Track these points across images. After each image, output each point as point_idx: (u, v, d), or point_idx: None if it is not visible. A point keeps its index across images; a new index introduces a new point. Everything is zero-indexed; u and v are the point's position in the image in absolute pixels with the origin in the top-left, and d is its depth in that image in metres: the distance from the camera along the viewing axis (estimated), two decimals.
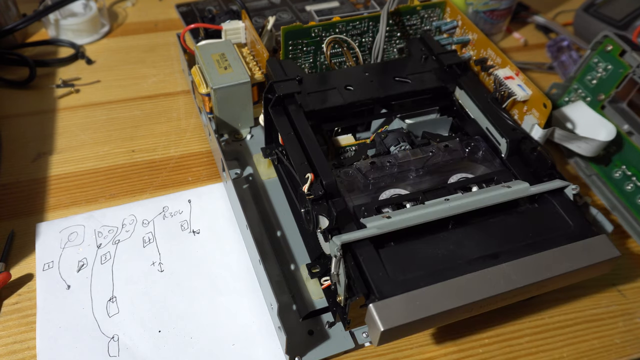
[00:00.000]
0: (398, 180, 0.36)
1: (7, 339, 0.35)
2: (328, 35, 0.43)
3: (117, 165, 0.46)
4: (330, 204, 0.31)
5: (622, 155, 0.43)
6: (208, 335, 0.35)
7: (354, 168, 0.36)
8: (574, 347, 0.36)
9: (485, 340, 0.36)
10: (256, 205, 0.42)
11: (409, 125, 0.41)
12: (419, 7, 0.46)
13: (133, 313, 0.36)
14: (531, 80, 0.39)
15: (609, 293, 0.39)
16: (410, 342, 0.35)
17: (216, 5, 0.56)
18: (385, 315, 0.27)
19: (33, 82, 0.54)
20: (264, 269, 0.33)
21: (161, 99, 0.53)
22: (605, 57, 0.44)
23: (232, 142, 0.47)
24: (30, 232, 0.40)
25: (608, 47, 0.44)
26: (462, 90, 0.41)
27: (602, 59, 0.44)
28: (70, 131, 0.49)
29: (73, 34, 0.59)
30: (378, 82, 0.40)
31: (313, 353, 0.34)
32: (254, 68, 0.45)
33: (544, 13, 0.68)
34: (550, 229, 0.32)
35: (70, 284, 0.37)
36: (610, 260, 0.31)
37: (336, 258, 0.29)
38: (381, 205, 0.33)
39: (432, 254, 0.30)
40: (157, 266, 0.39)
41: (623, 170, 0.43)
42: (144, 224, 0.41)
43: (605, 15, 0.60)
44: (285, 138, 0.36)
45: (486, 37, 0.43)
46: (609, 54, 0.44)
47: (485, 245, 0.31)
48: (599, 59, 0.45)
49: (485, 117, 0.39)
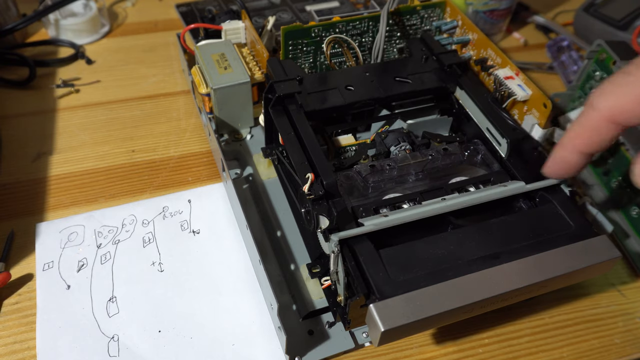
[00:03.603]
0: (398, 183, 0.36)
1: (7, 339, 0.35)
2: (328, 35, 0.43)
3: (117, 165, 0.46)
4: (331, 203, 0.32)
5: (615, 163, 0.43)
6: (208, 335, 0.35)
7: (354, 171, 0.36)
8: (574, 347, 0.36)
9: (485, 340, 0.36)
10: (256, 205, 0.42)
11: (409, 125, 0.41)
12: (419, 7, 0.46)
13: (133, 313, 0.36)
14: (531, 80, 0.39)
15: (609, 293, 0.39)
16: (410, 342, 0.36)
17: (216, 5, 0.56)
18: (385, 315, 0.27)
19: (33, 82, 0.54)
20: (264, 269, 0.33)
21: (161, 99, 0.53)
22: (601, 66, 0.44)
23: (232, 142, 0.47)
24: (30, 232, 0.40)
25: (602, 56, 0.44)
26: (462, 90, 0.41)
27: (599, 67, 0.44)
28: (70, 131, 0.49)
29: (73, 34, 0.59)
30: (378, 82, 0.40)
31: (313, 353, 0.34)
32: (254, 68, 0.45)
33: (544, 13, 0.68)
34: (551, 229, 0.32)
35: (70, 284, 0.37)
36: (611, 260, 0.31)
37: (334, 254, 0.29)
38: (379, 206, 0.33)
39: (433, 254, 0.30)
40: (157, 266, 0.39)
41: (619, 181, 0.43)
42: (144, 224, 0.41)
43: (605, 15, 0.59)
44: (285, 138, 0.36)
45: (486, 37, 0.43)
46: (604, 62, 0.44)
47: (486, 246, 0.31)
48: (595, 68, 0.45)
49: (486, 117, 0.39)
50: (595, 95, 0.25)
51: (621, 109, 0.24)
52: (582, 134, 0.26)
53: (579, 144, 0.26)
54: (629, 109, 0.23)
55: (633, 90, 0.23)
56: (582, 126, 0.26)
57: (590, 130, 0.25)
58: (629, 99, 0.23)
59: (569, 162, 0.27)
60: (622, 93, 0.24)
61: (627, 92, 0.23)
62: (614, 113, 0.24)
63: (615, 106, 0.24)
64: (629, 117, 0.24)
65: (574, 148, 0.26)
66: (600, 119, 0.24)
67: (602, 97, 0.24)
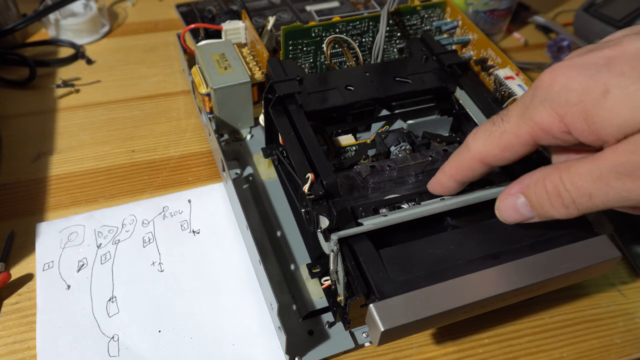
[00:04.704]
0: (398, 184, 0.36)
1: (7, 339, 0.35)
2: (328, 35, 0.43)
3: (117, 165, 0.46)
4: (331, 203, 0.32)
5: None
6: (208, 335, 0.35)
7: (354, 171, 0.36)
8: (574, 347, 0.36)
9: (485, 340, 0.36)
10: (256, 205, 0.42)
11: (410, 125, 0.41)
12: (419, 7, 0.46)
13: (133, 313, 0.36)
14: (531, 80, 0.39)
15: (609, 293, 0.39)
16: (410, 342, 0.36)
17: (216, 5, 0.56)
18: (385, 315, 0.27)
19: (33, 82, 0.54)
20: (264, 269, 0.33)
21: (161, 99, 0.53)
22: None
23: (232, 142, 0.47)
24: (30, 232, 0.40)
25: None
26: (462, 90, 0.41)
27: None
28: (70, 131, 0.49)
29: (73, 34, 0.59)
30: (379, 82, 0.40)
31: (313, 353, 0.34)
32: (254, 68, 0.45)
33: (544, 13, 0.68)
34: (551, 229, 0.31)
35: (70, 284, 0.37)
36: (611, 260, 0.31)
37: (334, 253, 0.29)
38: (379, 206, 0.33)
39: (433, 254, 0.30)
40: (157, 266, 0.39)
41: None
42: (144, 224, 0.41)
43: (606, 15, 0.59)
44: (285, 138, 0.36)
45: (486, 37, 0.43)
46: None
47: (486, 246, 0.31)
48: None
49: (486, 117, 0.39)
50: (470, 138, 0.28)
51: (487, 154, 0.27)
52: (457, 168, 0.30)
53: (454, 174, 0.30)
54: (494, 154, 0.27)
55: (495, 138, 0.27)
56: (458, 161, 0.29)
57: (463, 165, 0.29)
58: (491, 145, 0.27)
59: (446, 186, 0.31)
60: (488, 140, 0.27)
61: (491, 140, 0.27)
62: (483, 156, 0.28)
63: (484, 150, 0.27)
64: (495, 160, 0.27)
65: (451, 177, 0.30)
66: (472, 158, 0.28)
67: (474, 141, 0.28)
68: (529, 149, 0.26)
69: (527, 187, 0.27)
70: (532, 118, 0.25)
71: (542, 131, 0.25)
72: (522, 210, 0.28)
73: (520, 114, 0.26)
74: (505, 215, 0.29)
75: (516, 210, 0.28)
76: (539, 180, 0.26)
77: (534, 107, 0.25)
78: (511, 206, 0.28)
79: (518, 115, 0.26)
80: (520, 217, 0.28)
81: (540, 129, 0.25)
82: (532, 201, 0.27)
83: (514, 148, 0.26)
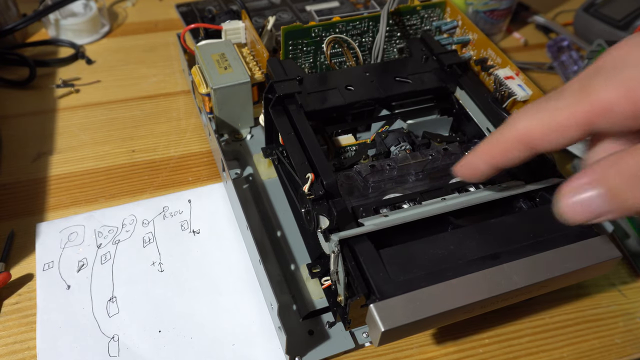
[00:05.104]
0: (398, 183, 0.36)
1: (7, 339, 0.35)
2: (328, 35, 0.43)
3: (117, 165, 0.46)
4: (331, 203, 0.31)
5: None
6: (208, 335, 0.35)
7: (354, 171, 0.36)
8: (574, 347, 0.36)
9: (486, 340, 0.36)
10: (256, 205, 0.42)
11: (410, 125, 0.41)
12: (419, 7, 0.46)
13: (133, 313, 0.36)
14: (531, 80, 0.39)
15: (609, 293, 0.39)
16: (410, 342, 0.35)
17: (216, 5, 0.56)
18: (386, 315, 0.27)
19: (33, 82, 0.54)
20: (264, 269, 0.33)
21: (161, 99, 0.53)
22: None
23: (232, 142, 0.47)
24: (30, 232, 0.40)
25: None
26: (462, 90, 0.41)
27: None
28: (70, 131, 0.49)
29: (73, 34, 0.59)
30: (379, 82, 0.40)
31: (313, 353, 0.34)
32: (254, 68, 0.45)
33: (544, 13, 0.68)
34: (551, 229, 0.31)
35: (70, 284, 0.37)
36: (611, 260, 0.30)
37: (334, 254, 0.29)
38: (379, 206, 0.33)
39: (433, 254, 0.30)
40: (157, 266, 0.39)
41: None
42: (144, 224, 0.41)
43: (606, 15, 0.59)
44: (285, 138, 0.36)
45: (486, 37, 0.43)
46: None
47: (486, 246, 0.31)
48: None
49: (486, 117, 0.39)
50: (515, 113, 0.24)
51: (534, 133, 0.23)
52: (496, 148, 0.26)
53: (490, 157, 0.26)
54: (542, 134, 0.23)
55: (545, 115, 0.23)
56: (496, 140, 0.25)
57: (503, 146, 0.25)
58: (539, 123, 0.23)
59: (478, 169, 0.27)
60: (535, 117, 0.23)
61: (539, 117, 0.23)
62: (529, 135, 0.24)
63: (527, 128, 0.24)
64: (542, 143, 0.24)
65: (485, 159, 0.26)
66: (512, 138, 0.24)
67: (519, 117, 0.24)
68: (579, 135, 0.22)
69: (605, 175, 0.21)
70: (594, 94, 0.21)
71: (603, 110, 0.21)
72: (595, 205, 0.21)
73: (579, 89, 0.22)
74: (572, 213, 0.22)
75: (588, 206, 0.22)
76: (619, 164, 0.21)
77: (597, 83, 0.21)
78: (582, 202, 0.22)
79: (577, 90, 0.22)
80: (592, 215, 0.22)
81: (601, 108, 0.21)
82: (614, 192, 0.21)
83: (566, 131, 0.22)
